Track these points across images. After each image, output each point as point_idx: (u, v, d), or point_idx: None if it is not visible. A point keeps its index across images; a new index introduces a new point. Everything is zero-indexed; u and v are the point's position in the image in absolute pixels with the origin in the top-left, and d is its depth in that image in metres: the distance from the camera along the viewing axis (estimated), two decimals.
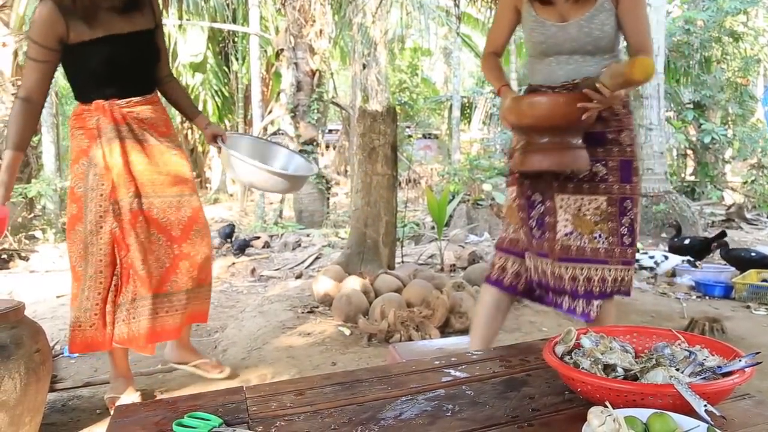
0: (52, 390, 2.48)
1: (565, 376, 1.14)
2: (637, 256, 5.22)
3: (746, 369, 1.07)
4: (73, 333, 2.24)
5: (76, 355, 3.18)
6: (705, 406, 0.96)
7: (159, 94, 2.39)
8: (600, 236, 1.87)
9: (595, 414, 0.94)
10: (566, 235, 1.89)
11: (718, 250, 5.12)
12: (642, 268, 5.15)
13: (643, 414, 0.97)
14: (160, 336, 2.30)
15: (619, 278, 1.89)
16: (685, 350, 1.19)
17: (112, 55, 2.13)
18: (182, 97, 2.54)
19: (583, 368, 1.14)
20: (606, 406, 0.96)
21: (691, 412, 0.96)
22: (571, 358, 1.21)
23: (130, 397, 2.35)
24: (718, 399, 1.03)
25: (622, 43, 1.95)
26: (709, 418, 0.94)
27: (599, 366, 1.14)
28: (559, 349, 1.23)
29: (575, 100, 1.70)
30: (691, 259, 4.99)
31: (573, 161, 1.79)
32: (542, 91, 1.96)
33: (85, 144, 2.19)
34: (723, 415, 0.96)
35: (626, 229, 1.91)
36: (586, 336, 1.27)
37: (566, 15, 1.83)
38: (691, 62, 10.54)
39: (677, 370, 1.11)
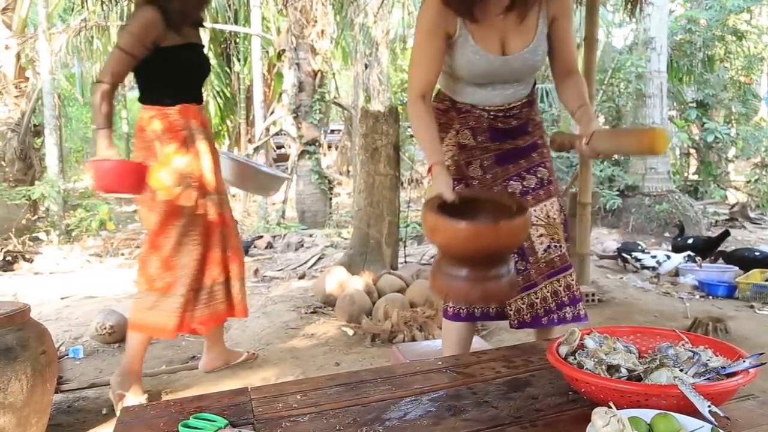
0: (57, 391, 2.50)
1: (569, 377, 1.14)
2: (640, 255, 5.22)
3: (750, 370, 1.07)
4: (180, 316, 2.44)
5: (80, 356, 3.20)
6: (709, 406, 0.96)
7: None
8: (559, 242, 1.88)
9: (599, 414, 0.95)
10: (545, 250, 1.87)
11: (720, 258, 5.12)
12: (644, 267, 5.15)
13: (647, 415, 0.97)
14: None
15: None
16: (689, 351, 1.20)
17: (192, 61, 2.46)
18: None
19: (587, 369, 1.15)
20: (610, 407, 0.96)
21: (695, 412, 0.97)
22: (575, 358, 1.21)
23: (138, 398, 2.38)
24: (722, 400, 1.04)
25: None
26: (713, 419, 0.95)
27: (603, 366, 1.14)
28: (563, 350, 1.23)
29: (522, 228, 1.39)
30: (692, 254, 4.97)
31: (501, 293, 1.44)
32: (476, 112, 1.83)
33: (174, 147, 2.38)
34: (727, 416, 0.96)
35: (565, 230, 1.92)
36: (589, 336, 1.27)
37: (507, 41, 1.68)
38: (694, 61, 10.50)
39: (681, 370, 1.12)
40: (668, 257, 5.00)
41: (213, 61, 11.85)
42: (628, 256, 5.37)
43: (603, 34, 11.15)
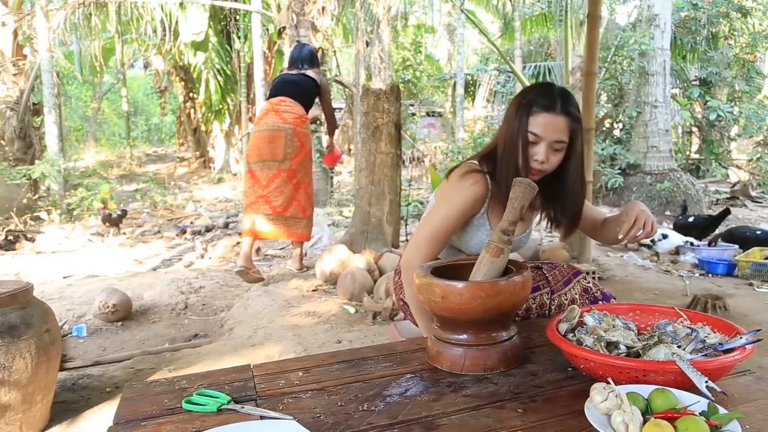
0: (62, 369, 2.52)
1: (569, 353, 1.15)
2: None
3: (747, 346, 1.08)
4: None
5: (84, 335, 3.23)
6: (706, 382, 0.97)
7: None
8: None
9: (597, 390, 0.96)
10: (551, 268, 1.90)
11: (719, 240, 5.11)
12: (640, 245, 5.17)
13: (645, 390, 0.98)
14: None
15: None
16: (688, 328, 1.21)
17: None
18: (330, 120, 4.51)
19: (586, 346, 1.16)
20: (608, 383, 0.97)
21: (692, 388, 0.98)
22: (575, 335, 1.22)
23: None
24: (719, 375, 1.05)
25: None
26: (710, 394, 0.96)
27: (602, 343, 1.15)
28: (563, 327, 1.24)
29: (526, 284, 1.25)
30: (693, 241, 4.98)
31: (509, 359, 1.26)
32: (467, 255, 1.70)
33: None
34: (723, 391, 0.98)
35: None
36: (589, 314, 1.28)
37: None
38: (697, 38, 10.39)
39: (679, 347, 1.13)
40: (665, 236, 5.00)
41: (213, 39, 11.74)
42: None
43: (606, 11, 11.02)
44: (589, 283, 1.73)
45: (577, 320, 1.26)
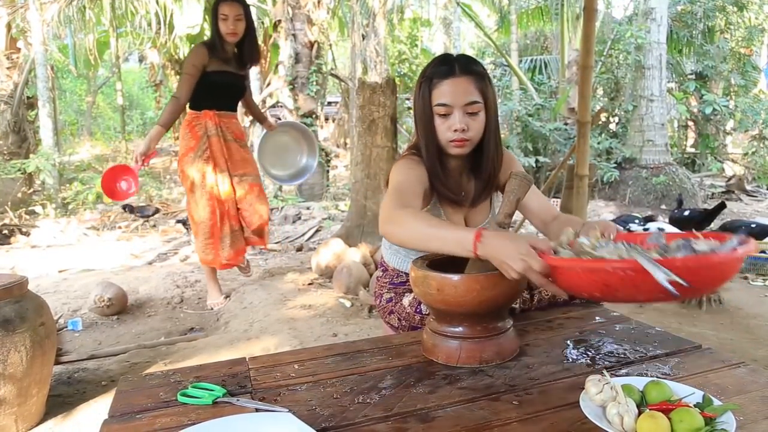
0: (57, 363, 2.52)
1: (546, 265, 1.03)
2: (632, 226, 5.25)
3: (738, 248, 0.96)
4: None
5: (79, 328, 3.23)
6: (667, 274, 0.89)
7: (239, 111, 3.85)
8: None
9: (593, 382, 0.97)
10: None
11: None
12: None
13: (640, 382, 0.99)
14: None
15: None
16: (681, 240, 1.07)
17: (223, 83, 3.39)
18: (255, 113, 3.90)
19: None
20: (603, 374, 0.98)
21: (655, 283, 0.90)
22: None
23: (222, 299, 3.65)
24: (702, 277, 0.94)
25: None
26: (670, 287, 0.89)
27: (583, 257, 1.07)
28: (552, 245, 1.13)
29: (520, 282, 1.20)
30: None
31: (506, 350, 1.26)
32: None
33: (192, 143, 3.37)
34: (689, 284, 0.89)
35: None
36: (586, 237, 1.17)
37: (468, 218, 1.64)
38: (694, 32, 10.39)
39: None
40: (661, 230, 5.01)
41: (208, 32, 11.69)
42: (622, 228, 5.39)
43: (602, 4, 11.00)
44: None
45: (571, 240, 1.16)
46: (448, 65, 1.47)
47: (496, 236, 1.09)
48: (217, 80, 3.34)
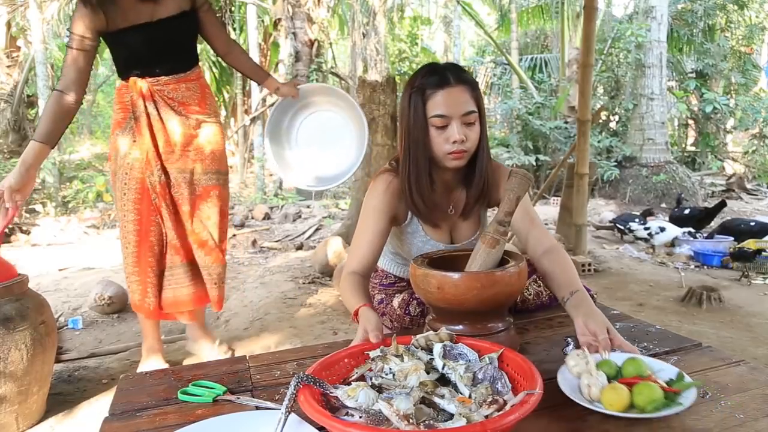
0: (58, 361, 2.52)
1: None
2: (633, 226, 5.25)
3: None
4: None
5: (80, 327, 3.23)
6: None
7: (198, 71, 2.39)
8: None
9: (571, 356, 1.09)
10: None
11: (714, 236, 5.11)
12: (637, 238, 5.18)
13: (620, 359, 1.08)
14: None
15: None
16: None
17: (143, 41, 2.20)
18: (246, 67, 2.54)
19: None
20: (584, 350, 1.09)
21: None
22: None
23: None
24: None
25: None
26: None
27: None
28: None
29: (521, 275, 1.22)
30: (692, 231, 4.99)
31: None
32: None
33: (120, 117, 2.28)
34: None
35: None
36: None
37: (455, 232, 1.58)
38: (694, 30, 10.38)
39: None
40: (663, 229, 5.01)
41: None
42: (622, 227, 5.39)
43: (603, 3, 11.00)
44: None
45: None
46: (440, 75, 1.40)
47: (363, 316, 1.24)
48: (130, 41, 2.20)
